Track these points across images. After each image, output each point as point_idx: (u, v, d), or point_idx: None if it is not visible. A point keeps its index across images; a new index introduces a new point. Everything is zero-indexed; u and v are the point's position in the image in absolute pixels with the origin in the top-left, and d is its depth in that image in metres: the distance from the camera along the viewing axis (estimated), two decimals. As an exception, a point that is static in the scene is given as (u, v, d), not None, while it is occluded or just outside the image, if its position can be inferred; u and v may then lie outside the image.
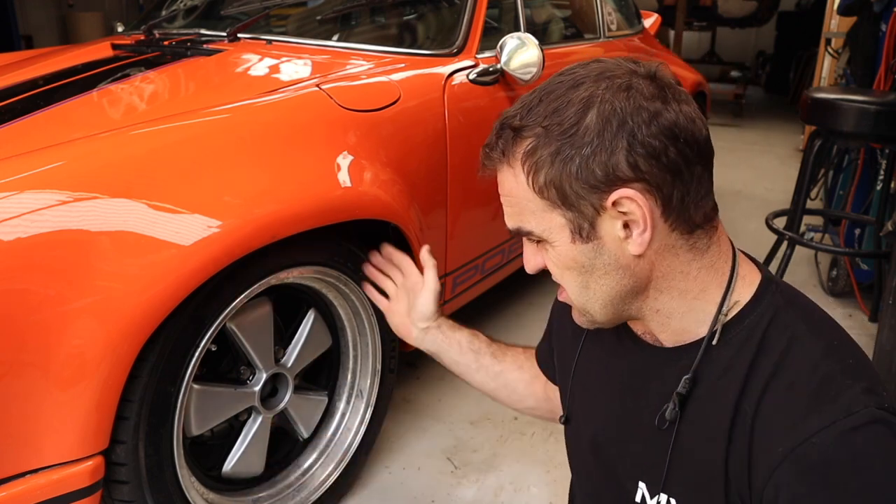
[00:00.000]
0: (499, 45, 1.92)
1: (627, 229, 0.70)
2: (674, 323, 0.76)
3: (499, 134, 0.73)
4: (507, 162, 0.73)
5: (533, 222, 0.73)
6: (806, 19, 7.31)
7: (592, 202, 0.69)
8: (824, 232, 3.17)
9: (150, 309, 1.11)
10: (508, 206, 0.75)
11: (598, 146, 0.67)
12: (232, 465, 1.45)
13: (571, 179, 0.68)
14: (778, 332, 0.71)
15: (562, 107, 0.68)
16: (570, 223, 0.71)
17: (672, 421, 0.74)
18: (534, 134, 0.70)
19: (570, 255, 0.73)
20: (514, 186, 0.73)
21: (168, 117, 1.34)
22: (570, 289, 0.76)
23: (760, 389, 0.69)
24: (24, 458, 1.08)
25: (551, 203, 0.71)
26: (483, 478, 1.79)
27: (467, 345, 1.12)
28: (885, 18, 2.80)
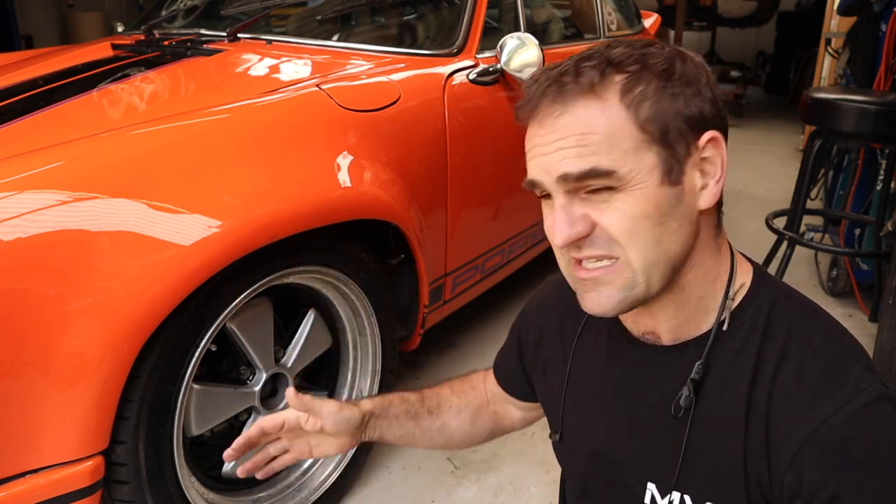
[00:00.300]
0: (499, 45, 1.92)
1: (703, 178, 0.70)
2: (688, 309, 0.75)
3: (582, 68, 0.68)
4: (596, 94, 0.67)
5: (619, 160, 0.66)
6: (806, 19, 7.31)
7: (688, 142, 0.69)
8: (824, 232, 3.17)
9: (150, 309, 1.11)
10: (579, 146, 0.67)
11: (695, 89, 0.69)
12: (232, 465, 1.45)
13: (676, 115, 0.68)
14: (779, 322, 0.72)
15: (648, 54, 0.69)
16: (663, 163, 0.68)
17: (687, 408, 0.73)
18: (630, 70, 0.68)
19: (654, 200, 0.67)
20: (601, 121, 0.66)
21: (168, 117, 1.34)
22: (639, 246, 0.68)
23: (771, 377, 0.70)
24: (24, 458, 1.08)
25: (649, 139, 0.67)
26: (483, 478, 1.79)
27: (404, 415, 1.02)
28: (885, 18, 2.80)
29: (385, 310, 1.65)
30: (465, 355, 2.36)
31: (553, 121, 0.68)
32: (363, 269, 1.55)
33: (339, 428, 0.96)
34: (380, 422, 1.01)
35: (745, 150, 5.57)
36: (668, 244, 0.69)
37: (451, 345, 2.42)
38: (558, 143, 0.68)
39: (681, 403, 0.73)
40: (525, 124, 0.73)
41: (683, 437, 0.74)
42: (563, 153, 0.67)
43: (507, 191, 2.13)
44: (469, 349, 2.40)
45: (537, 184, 0.71)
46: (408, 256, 1.70)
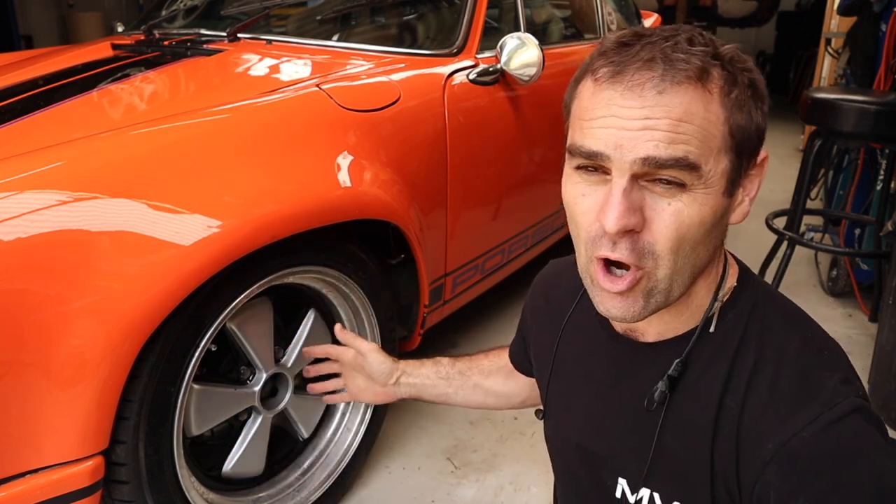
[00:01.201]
0: (499, 45, 1.92)
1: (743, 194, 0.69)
2: (685, 313, 0.73)
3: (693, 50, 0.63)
4: (703, 84, 0.62)
5: (706, 158, 0.62)
6: (806, 19, 7.31)
7: (752, 156, 0.67)
8: (824, 232, 3.17)
9: (150, 309, 1.11)
10: (672, 132, 0.61)
11: (766, 106, 0.67)
12: (232, 465, 1.45)
13: (756, 127, 0.66)
14: (756, 327, 0.71)
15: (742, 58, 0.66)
16: (731, 172, 0.65)
17: (660, 403, 0.72)
18: (732, 71, 0.64)
19: (713, 207, 0.64)
20: (701, 114, 0.62)
21: (168, 117, 1.34)
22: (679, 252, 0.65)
23: (744, 385, 0.69)
24: (24, 458, 1.08)
25: (731, 145, 0.64)
26: (483, 478, 1.79)
27: (435, 375, 1.18)
28: (885, 18, 2.80)
29: (385, 310, 1.65)
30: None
31: (654, 95, 0.61)
32: (363, 269, 1.55)
33: (374, 370, 1.22)
34: (411, 380, 1.20)
35: (745, 150, 5.56)
36: (702, 252, 0.67)
37: (452, 345, 2.42)
38: (649, 121, 0.61)
39: (655, 397, 0.72)
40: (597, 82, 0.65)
41: (655, 432, 0.73)
42: (652, 133, 0.61)
43: (508, 191, 2.13)
44: (469, 349, 2.39)
45: (600, 156, 0.63)
46: (408, 256, 1.70)
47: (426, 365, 1.19)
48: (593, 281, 0.70)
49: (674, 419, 0.73)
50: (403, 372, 1.21)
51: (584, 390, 0.85)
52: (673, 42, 0.63)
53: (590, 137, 0.64)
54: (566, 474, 0.92)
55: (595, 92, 0.65)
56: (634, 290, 0.67)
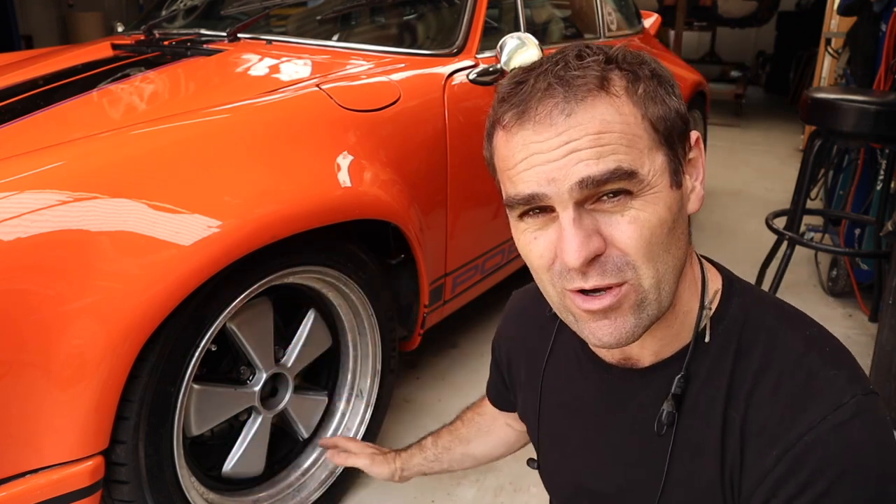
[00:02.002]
0: (499, 45, 1.92)
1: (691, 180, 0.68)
2: (675, 326, 0.71)
3: (585, 63, 0.62)
4: (607, 90, 0.61)
5: (639, 160, 0.61)
6: (806, 19, 7.31)
7: (683, 141, 0.66)
8: (824, 232, 3.17)
9: (150, 309, 1.11)
10: (596, 148, 0.60)
11: (678, 90, 0.67)
12: (232, 465, 1.45)
13: (675, 113, 0.65)
14: (754, 333, 0.69)
15: (636, 53, 0.66)
16: (671, 164, 0.64)
17: (669, 424, 0.69)
18: (630, 69, 0.63)
19: (667, 203, 0.63)
20: (617, 120, 0.61)
21: (168, 117, 1.34)
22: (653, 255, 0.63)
23: (745, 394, 0.67)
24: (24, 458, 1.08)
25: (659, 140, 0.63)
26: (483, 478, 1.79)
27: (426, 461, 1.21)
28: (885, 18, 2.80)
29: (385, 310, 1.65)
30: (465, 355, 2.36)
31: (563, 120, 0.60)
32: (363, 269, 1.55)
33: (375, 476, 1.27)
34: (411, 472, 1.24)
35: (745, 150, 5.58)
36: (675, 251, 0.65)
37: (451, 345, 2.42)
38: (570, 144, 0.60)
39: (663, 420, 0.69)
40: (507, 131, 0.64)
41: (665, 458, 0.71)
42: (577, 155, 0.60)
43: (507, 191, 2.12)
44: (469, 349, 2.40)
45: (539, 197, 0.62)
46: (408, 256, 1.70)
47: (415, 455, 1.21)
48: (576, 316, 0.66)
49: (681, 442, 0.71)
50: (401, 469, 1.24)
51: (578, 430, 0.81)
52: (563, 63, 0.62)
53: (520, 184, 0.63)
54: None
55: (508, 139, 0.64)
56: (622, 307, 0.64)
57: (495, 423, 1.13)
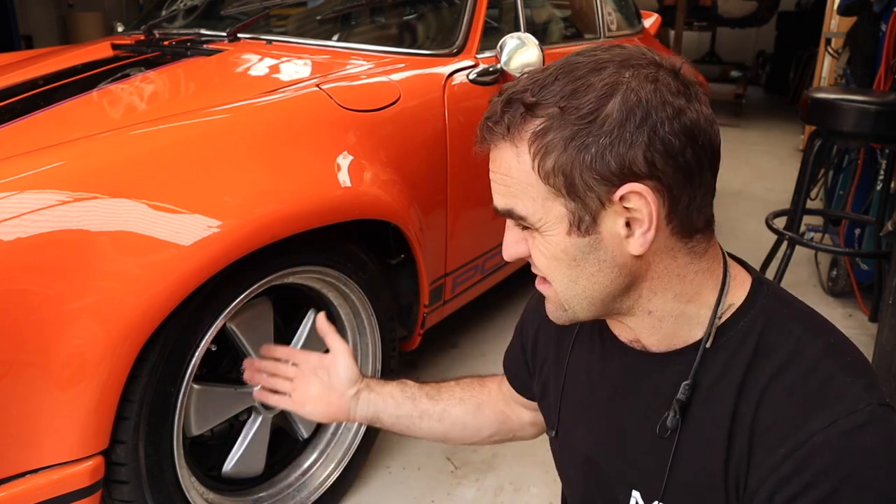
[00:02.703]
0: (499, 45, 1.92)
1: (629, 227, 0.67)
2: (665, 327, 0.73)
3: (505, 108, 0.67)
4: (511, 140, 0.66)
5: (529, 208, 0.68)
6: (806, 19, 7.31)
7: (600, 195, 0.65)
8: (824, 232, 3.17)
9: (150, 309, 1.11)
10: (502, 185, 0.69)
11: (617, 137, 0.63)
12: (232, 465, 1.45)
13: (583, 168, 0.64)
14: (775, 335, 0.70)
15: (581, 89, 0.64)
16: (570, 214, 0.66)
17: (673, 429, 0.72)
18: (547, 114, 0.64)
19: (561, 247, 0.68)
20: (515, 167, 0.67)
21: (168, 117, 1.34)
22: (557, 282, 0.72)
23: (759, 392, 0.68)
24: (24, 458, 1.08)
25: (555, 191, 0.65)
26: (483, 478, 1.79)
27: (400, 394, 1.04)
28: (885, 18, 2.80)
29: (385, 310, 1.65)
30: (465, 355, 2.36)
31: (491, 153, 0.70)
32: (363, 269, 1.55)
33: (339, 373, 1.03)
34: (373, 397, 1.03)
35: (745, 150, 5.58)
36: (587, 284, 0.70)
37: (451, 345, 2.42)
38: (492, 175, 0.71)
39: (667, 424, 0.72)
40: None
41: (669, 454, 0.72)
42: (495, 186, 0.71)
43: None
44: (469, 349, 2.40)
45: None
46: (408, 256, 1.70)
47: (391, 384, 1.05)
48: None
49: (690, 432, 0.72)
50: (367, 385, 1.04)
51: (595, 404, 0.83)
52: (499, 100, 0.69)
53: None
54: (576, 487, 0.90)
55: None
56: (551, 299, 0.75)
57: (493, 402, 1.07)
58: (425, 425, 1.04)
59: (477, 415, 1.05)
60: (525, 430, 1.09)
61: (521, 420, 1.07)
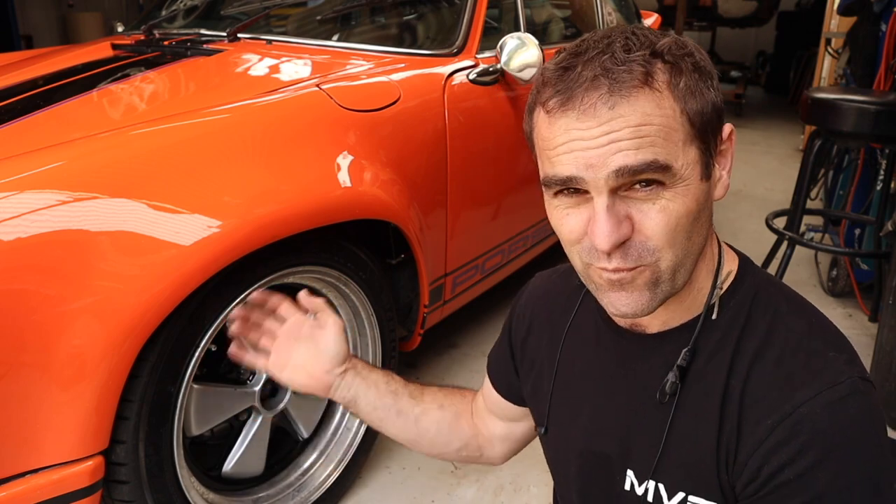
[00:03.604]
0: (499, 45, 1.92)
1: (720, 170, 0.70)
2: (686, 300, 0.74)
3: (631, 57, 0.63)
4: (650, 85, 0.63)
5: (674, 154, 0.64)
6: (806, 19, 7.31)
7: (717, 133, 0.68)
8: (824, 232, 3.17)
9: (150, 309, 1.11)
10: (635, 139, 0.63)
11: (716, 82, 0.68)
12: (232, 465, 1.45)
13: (710, 110, 0.66)
14: (761, 311, 0.72)
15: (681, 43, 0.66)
16: (703, 156, 0.67)
17: (672, 394, 0.72)
18: (674, 62, 0.65)
19: (696, 195, 0.66)
20: (657, 114, 0.63)
21: (168, 117, 1.34)
22: (676, 243, 0.66)
23: (747, 366, 0.70)
24: (24, 458, 1.08)
25: (694, 133, 0.65)
26: (483, 478, 1.79)
27: (385, 386, 1.00)
28: (885, 18, 2.80)
29: (385, 310, 1.65)
30: (465, 355, 2.36)
31: (606, 112, 0.62)
32: (363, 269, 1.55)
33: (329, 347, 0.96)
34: (357, 381, 0.98)
35: (746, 150, 5.57)
36: (697, 239, 0.69)
37: (451, 345, 2.42)
38: (611, 135, 0.62)
39: (666, 389, 0.72)
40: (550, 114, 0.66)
41: (666, 423, 0.73)
42: (617, 146, 0.62)
43: (508, 191, 2.13)
44: (469, 349, 2.40)
45: (575, 180, 0.65)
46: (408, 256, 1.70)
47: (377, 372, 1.02)
48: (597, 285, 0.71)
49: (683, 408, 0.73)
50: (354, 367, 0.99)
51: (590, 391, 0.84)
52: (610, 54, 0.64)
53: (559, 165, 0.66)
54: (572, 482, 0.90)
55: (550, 122, 0.66)
56: (637, 282, 0.68)
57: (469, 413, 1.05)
58: (399, 423, 1.00)
59: (453, 424, 1.03)
60: (493, 446, 1.06)
61: (491, 434, 1.04)
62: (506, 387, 1.00)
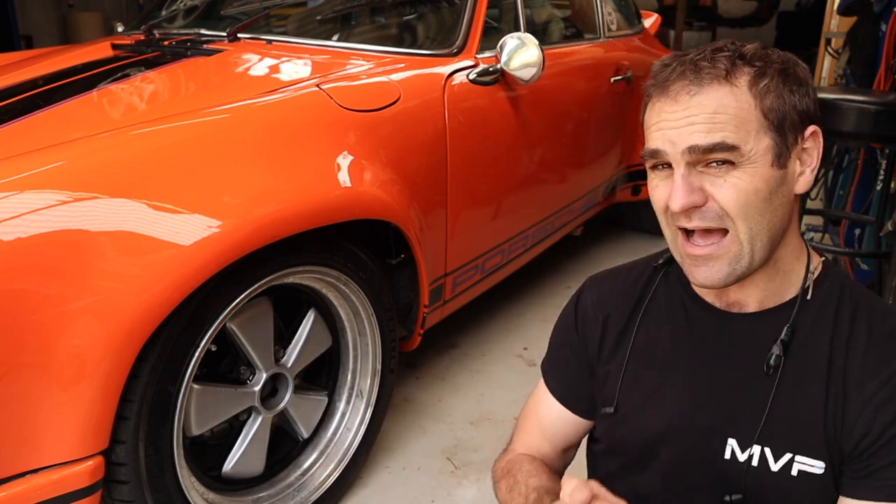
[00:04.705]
0: (499, 45, 1.92)
1: (801, 165, 0.81)
2: (776, 281, 0.85)
3: (716, 56, 0.78)
4: (730, 81, 0.77)
5: (744, 139, 0.77)
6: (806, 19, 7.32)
7: (796, 132, 0.79)
8: (824, 232, 3.17)
9: (150, 309, 1.11)
10: (710, 123, 0.77)
11: (807, 89, 0.80)
12: (232, 465, 1.45)
13: (791, 108, 0.78)
14: (848, 294, 0.85)
15: (767, 52, 0.80)
16: (776, 147, 0.78)
17: (776, 367, 0.82)
18: (757, 65, 0.78)
19: (765, 178, 0.78)
20: (732, 104, 0.77)
21: (168, 117, 1.34)
22: (747, 217, 0.78)
23: (846, 337, 0.81)
24: (24, 458, 1.08)
25: (768, 125, 0.77)
26: (483, 478, 1.79)
27: None
28: (885, 18, 2.80)
29: (385, 310, 1.65)
30: (465, 355, 2.36)
31: (688, 98, 0.77)
32: (363, 269, 1.55)
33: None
34: None
35: (745, 150, 5.57)
36: (771, 218, 0.79)
37: (451, 345, 2.42)
38: (690, 118, 0.77)
39: (771, 363, 0.82)
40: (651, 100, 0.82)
41: (770, 394, 0.82)
42: (693, 127, 0.77)
43: (508, 190, 2.13)
44: (469, 349, 2.40)
45: (660, 153, 0.79)
46: (408, 256, 1.70)
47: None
48: (682, 256, 0.83)
49: (787, 378, 0.82)
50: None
51: (680, 368, 0.89)
52: (700, 55, 0.79)
53: (651, 141, 0.81)
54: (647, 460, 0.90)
55: (651, 107, 0.82)
56: (715, 256, 0.80)
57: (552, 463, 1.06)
58: None
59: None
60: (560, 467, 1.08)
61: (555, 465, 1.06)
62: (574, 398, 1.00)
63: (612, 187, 3.09)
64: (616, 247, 3.44)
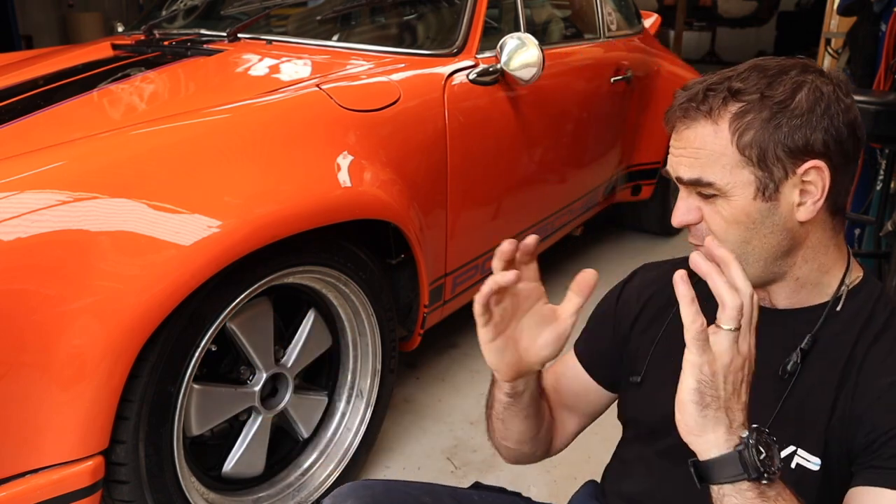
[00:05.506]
0: (499, 45, 1.92)
1: (802, 197, 0.82)
2: (802, 292, 0.87)
3: (708, 93, 0.82)
4: (712, 118, 0.81)
5: (720, 175, 0.81)
6: (806, 19, 7.32)
7: (785, 166, 0.80)
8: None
9: (150, 309, 1.11)
10: (693, 158, 0.82)
11: (805, 121, 0.80)
12: (232, 465, 1.45)
13: (776, 144, 0.80)
14: (881, 308, 0.86)
15: (775, 82, 0.81)
16: (757, 181, 0.81)
17: (792, 373, 0.84)
18: (748, 99, 0.80)
19: (745, 211, 0.82)
20: (711, 141, 0.81)
21: (168, 117, 1.34)
22: (730, 243, 0.82)
23: (871, 340, 0.83)
24: (24, 458, 1.08)
25: (746, 161, 0.80)
26: (483, 478, 1.78)
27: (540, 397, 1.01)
28: (885, 18, 2.80)
29: (385, 310, 1.65)
30: (466, 355, 2.36)
31: (681, 132, 0.84)
32: (363, 269, 1.55)
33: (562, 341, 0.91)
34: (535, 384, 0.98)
35: (745, 150, 5.57)
36: (758, 244, 0.83)
37: (451, 345, 2.42)
38: (680, 150, 0.84)
39: (788, 368, 0.84)
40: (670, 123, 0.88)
41: (782, 396, 0.84)
42: (681, 160, 0.84)
43: (508, 190, 2.13)
44: (469, 349, 2.40)
45: (668, 174, 0.87)
46: (408, 256, 1.70)
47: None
48: None
49: (801, 382, 0.84)
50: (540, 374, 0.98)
51: None
52: (694, 92, 0.83)
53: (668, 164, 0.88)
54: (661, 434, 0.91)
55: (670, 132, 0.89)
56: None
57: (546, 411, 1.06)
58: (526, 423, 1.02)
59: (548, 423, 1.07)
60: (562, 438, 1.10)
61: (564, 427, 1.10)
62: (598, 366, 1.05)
63: (612, 187, 3.09)
64: (616, 247, 3.44)
